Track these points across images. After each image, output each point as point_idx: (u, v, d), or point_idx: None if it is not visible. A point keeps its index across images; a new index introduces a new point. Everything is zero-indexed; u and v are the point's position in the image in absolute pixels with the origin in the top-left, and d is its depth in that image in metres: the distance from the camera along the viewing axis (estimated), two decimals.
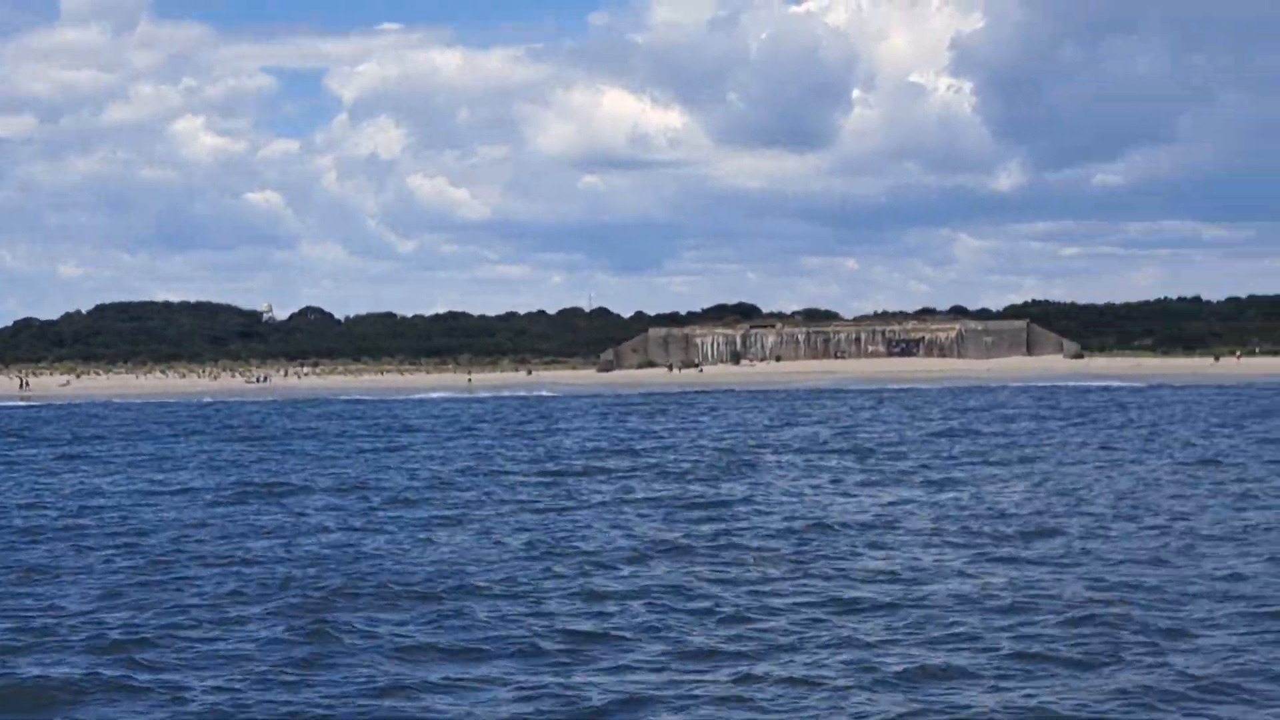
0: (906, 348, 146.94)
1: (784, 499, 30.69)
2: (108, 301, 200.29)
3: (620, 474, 37.79)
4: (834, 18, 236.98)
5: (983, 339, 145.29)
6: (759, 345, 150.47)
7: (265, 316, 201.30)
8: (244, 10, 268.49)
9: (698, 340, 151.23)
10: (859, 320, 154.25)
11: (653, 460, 42.10)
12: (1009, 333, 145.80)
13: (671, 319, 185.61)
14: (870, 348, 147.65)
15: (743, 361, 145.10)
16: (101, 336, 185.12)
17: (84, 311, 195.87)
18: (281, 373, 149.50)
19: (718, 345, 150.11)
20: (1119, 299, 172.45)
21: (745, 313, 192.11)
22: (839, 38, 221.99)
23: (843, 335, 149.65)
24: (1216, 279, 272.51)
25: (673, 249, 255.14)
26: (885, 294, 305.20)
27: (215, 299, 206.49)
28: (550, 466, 40.41)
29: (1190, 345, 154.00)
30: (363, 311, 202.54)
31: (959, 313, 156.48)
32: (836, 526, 25.73)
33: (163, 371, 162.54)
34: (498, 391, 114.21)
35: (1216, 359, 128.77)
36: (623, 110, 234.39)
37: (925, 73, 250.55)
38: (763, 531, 25.29)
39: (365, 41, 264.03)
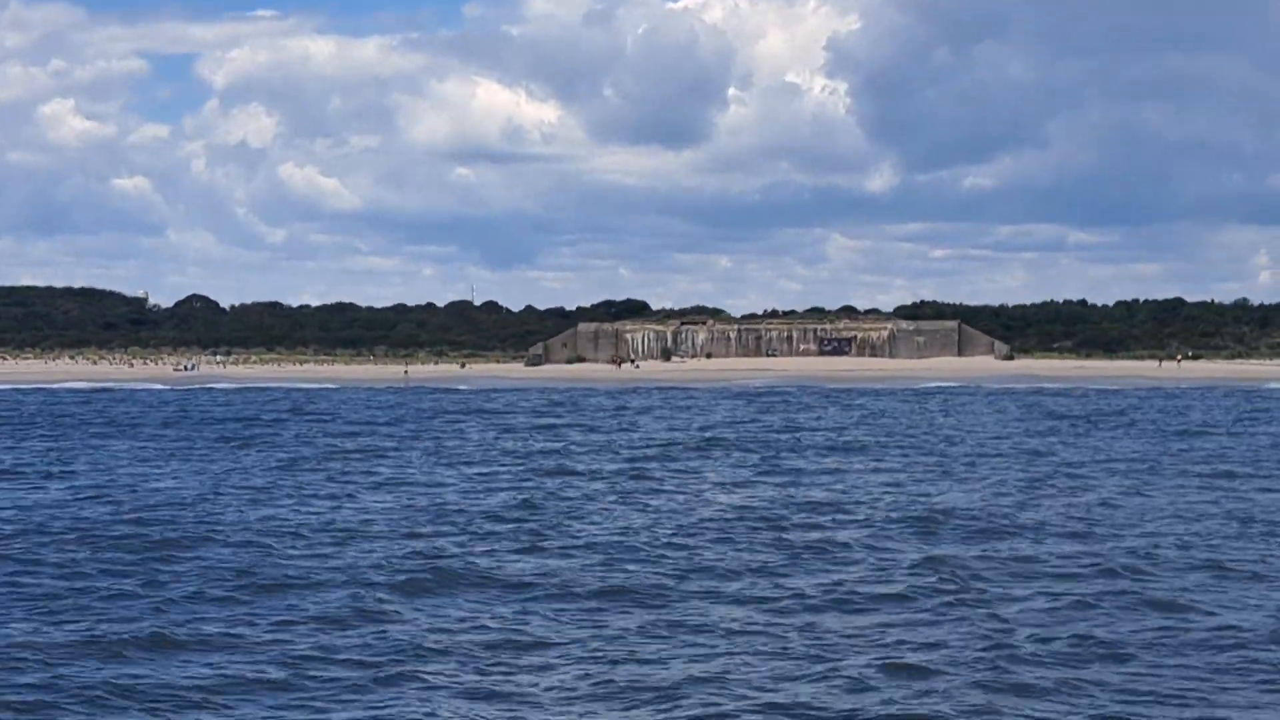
0: (838, 346, 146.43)
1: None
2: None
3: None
4: (711, 15, 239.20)
5: (914, 339, 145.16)
6: (690, 342, 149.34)
7: (149, 305, 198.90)
8: None
9: (628, 336, 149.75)
10: (789, 318, 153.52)
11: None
12: (941, 333, 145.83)
13: (559, 314, 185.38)
14: (802, 346, 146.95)
15: (673, 358, 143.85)
16: None
17: None
18: (193, 362, 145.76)
19: (648, 341, 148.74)
20: (988, 300, 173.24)
21: (633, 309, 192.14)
22: (716, 35, 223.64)
23: (774, 333, 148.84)
24: (1083, 282, 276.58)
25: (547, 244, 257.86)
26: (758, 292, 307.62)
27: (81, 284, 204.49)
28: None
29: (1111, 348, 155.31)
30: (240, 301, 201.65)
31: (875, 314, 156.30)
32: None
33: (71, 358, 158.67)
34: (451, 384, 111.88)
35: (1160, 362, 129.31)
36: (497, 103, 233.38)
37: (801, 72, 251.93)
38: None
39: (238, 27, 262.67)
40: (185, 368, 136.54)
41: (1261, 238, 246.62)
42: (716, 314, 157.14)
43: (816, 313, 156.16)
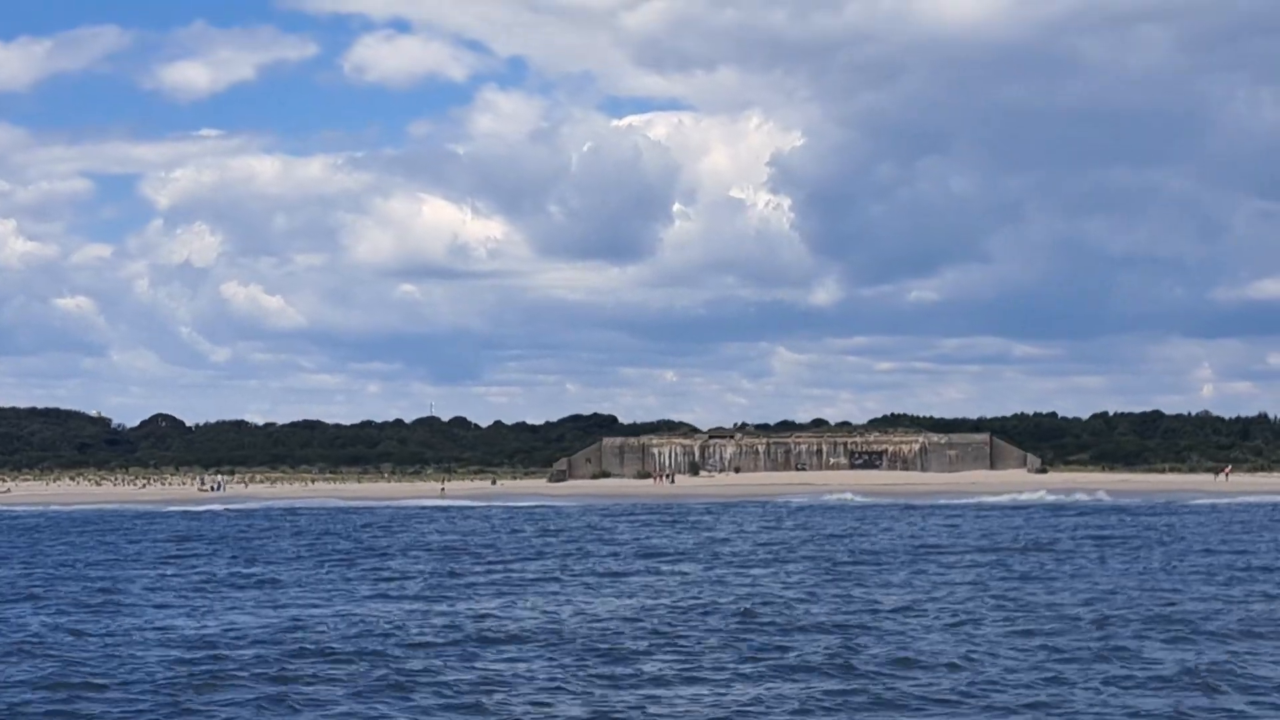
0: (869, 460, 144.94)
1: None
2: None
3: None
4: (655, 132, 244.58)
5: (946, 452, 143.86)
6: (718, 456, 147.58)
7: (114, 424, 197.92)
8: (59, 112, 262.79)
9: (654, 451, 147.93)
10: (818, 431, 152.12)
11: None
12: (972, 446, 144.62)
13: (530, 430, 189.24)
14: (832, 460, 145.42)
15: (701, 473, 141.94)
16: None
17: None
18: (219, 482, 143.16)
19: (676, 456, 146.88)
20: (936, 414, 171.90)
21: (602, 424, 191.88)
22: (660, 151, 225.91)
23: (803, 447, 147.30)
24: (1027, 394, 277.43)
25: (492, 359, 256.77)
26: (704, 406, 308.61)
27: (26, 404, 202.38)
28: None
29: (1129, 461, 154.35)
30: (197, 420, 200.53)
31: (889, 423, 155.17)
32: None
33: (72, 479, 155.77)
34: (501, 502, 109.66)
35: (1215, 476, 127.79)
36: (443, 219, 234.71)
37: (745, 188, 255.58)
38: None
39: (182, 146, 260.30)
40: (212, 488, 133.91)
41: (1203, 350, 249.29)
42: (741, 429, 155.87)
43: (845, 427, 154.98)
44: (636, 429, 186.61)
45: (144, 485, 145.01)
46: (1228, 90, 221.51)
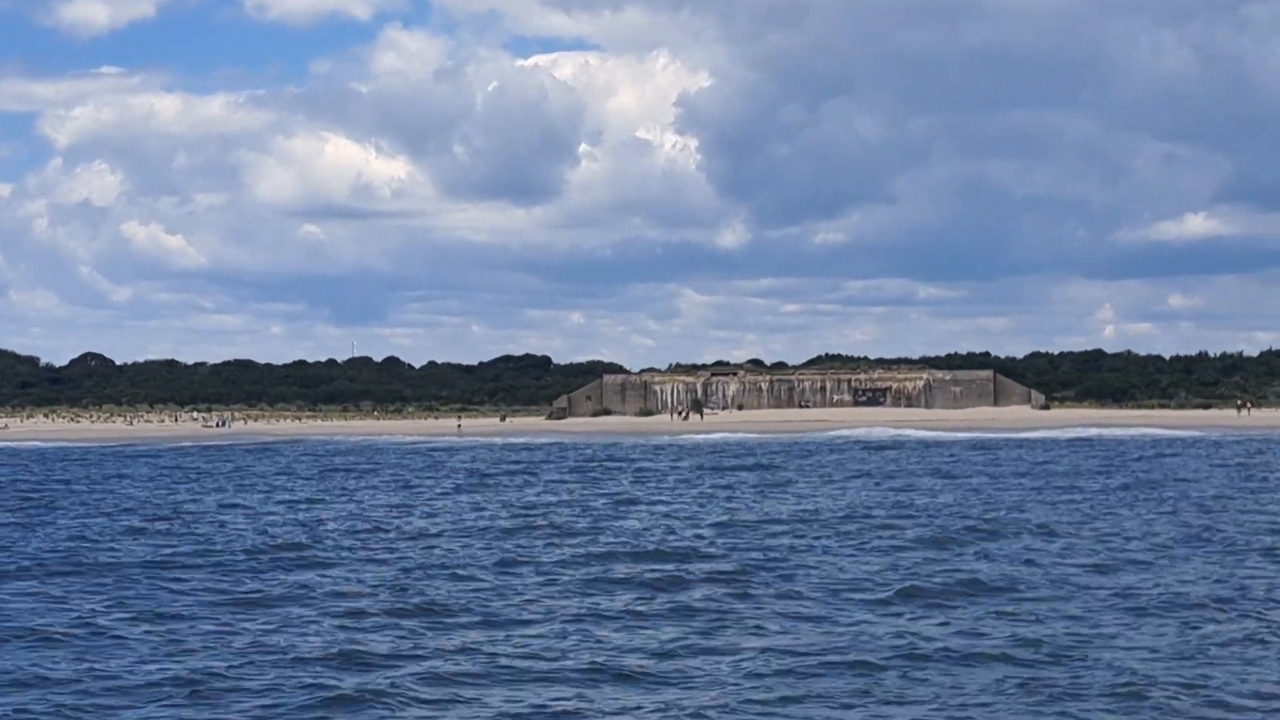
0: (873, 397, 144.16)
1: None
2: None
3: None
4: (561, 72, 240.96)
5: (951, 389, 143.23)
6: (721, 394, 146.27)
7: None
8: None
9: (656, 388, 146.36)
10: (821, 368, 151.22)
11: None
12: (976, 383, 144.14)
13: (465, 370, 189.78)
14: (835, 397, 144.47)
15: (704, 410, 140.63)
16: None
17: None
18: (224, 419, 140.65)
19: (678, 393, 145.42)
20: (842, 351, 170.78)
21: (537, 364, 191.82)
22: (566, 92, 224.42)
23: (807, 384, 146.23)
24: (931, 336, 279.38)
25: (396, 300, 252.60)
26: (610, 347, 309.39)
27: None
28: None
29: (1117, 398, 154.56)
30: (134, 360, 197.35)
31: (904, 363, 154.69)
32: None
33: (45, 416, 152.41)
34: (535, 439, 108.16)
35: (1238, 411, 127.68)
36: (346, 159, 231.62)
37: (652, 129, 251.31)
38: None
39: (81, 85, 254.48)
40: (218, 424, 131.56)
41: (1105, 292, 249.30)
42: (729, 365, 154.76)
43: (847, 362, 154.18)
44: (572, 369, 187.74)
45: (132, 422, 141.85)
46: (1130, 33, 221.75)
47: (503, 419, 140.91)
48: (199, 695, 16.29)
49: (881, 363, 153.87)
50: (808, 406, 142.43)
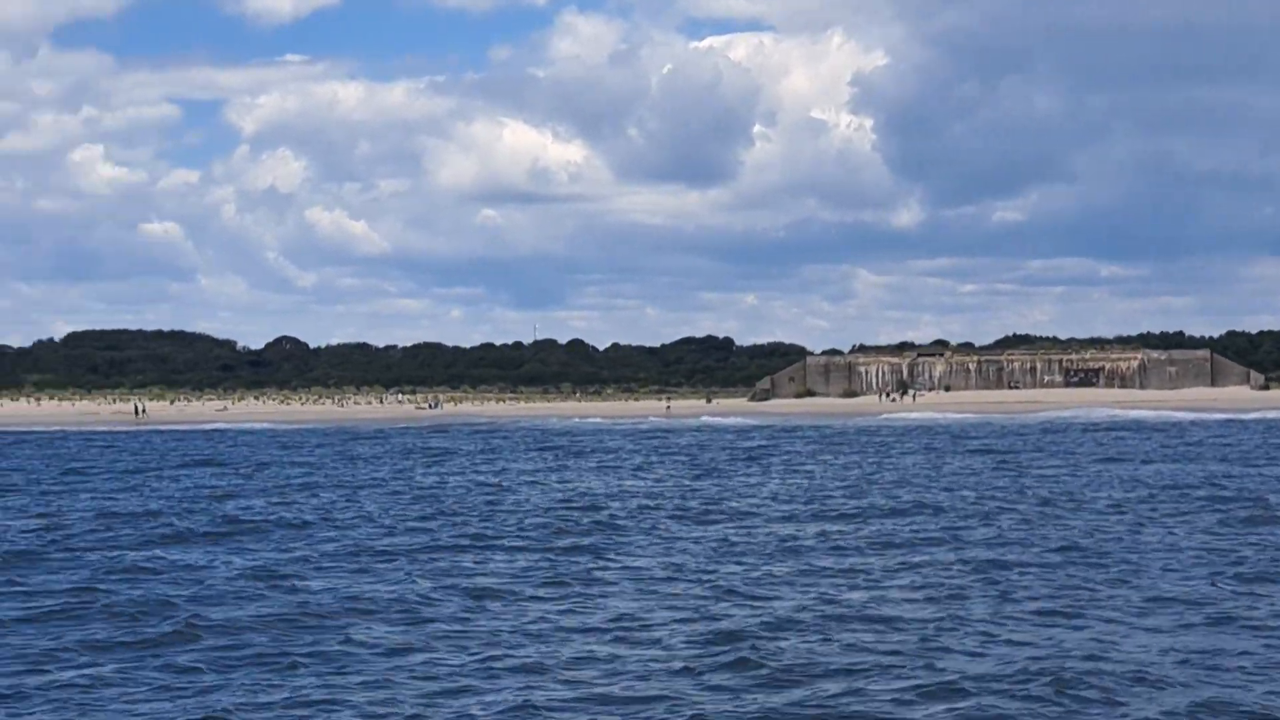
0: (1085, 378, 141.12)
1: None
2: (81, 330, 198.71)
3: None
4: (736, 53, 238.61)
5: (1166, 369, 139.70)
6: (927, 374, 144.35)
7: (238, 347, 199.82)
8: (145, 39, 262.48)
9: (861, 369, 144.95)
10: (1032, 348, 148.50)
11: None
12: (1193, 363, 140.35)
13: (648, 352, 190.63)
14: (1046, 378, 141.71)
15: (910, 392, 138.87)
16: (88, 362, 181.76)
17: (55, 339, 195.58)
18: (435, 401, 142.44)
19: (883, 374, 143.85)
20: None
21: (719, 346, 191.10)
22: (740, 73, 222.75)
23: (1016, 365, 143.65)
24: (1113, 316, 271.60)
25: (572, 283, 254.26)
26: (783, 328, 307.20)
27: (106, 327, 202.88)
28: None
29: None
30: (328, 343, 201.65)
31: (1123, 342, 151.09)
32: None
33: (256, 399, 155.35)
34: (745, 419, 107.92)
35: None
36: (523, 144, 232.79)
37: (826, 109, 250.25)
38: None
39: (266, 72, 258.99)
40: (430, 406, 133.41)
41: None
42: (935, 345, 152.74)
43: (1058, 343, 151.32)
44: (754, 351, 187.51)
45: (342, 404, 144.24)
46: None
47: (708, 400, 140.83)
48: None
49: (1095, 343, 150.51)
50: (1017, 387, 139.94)
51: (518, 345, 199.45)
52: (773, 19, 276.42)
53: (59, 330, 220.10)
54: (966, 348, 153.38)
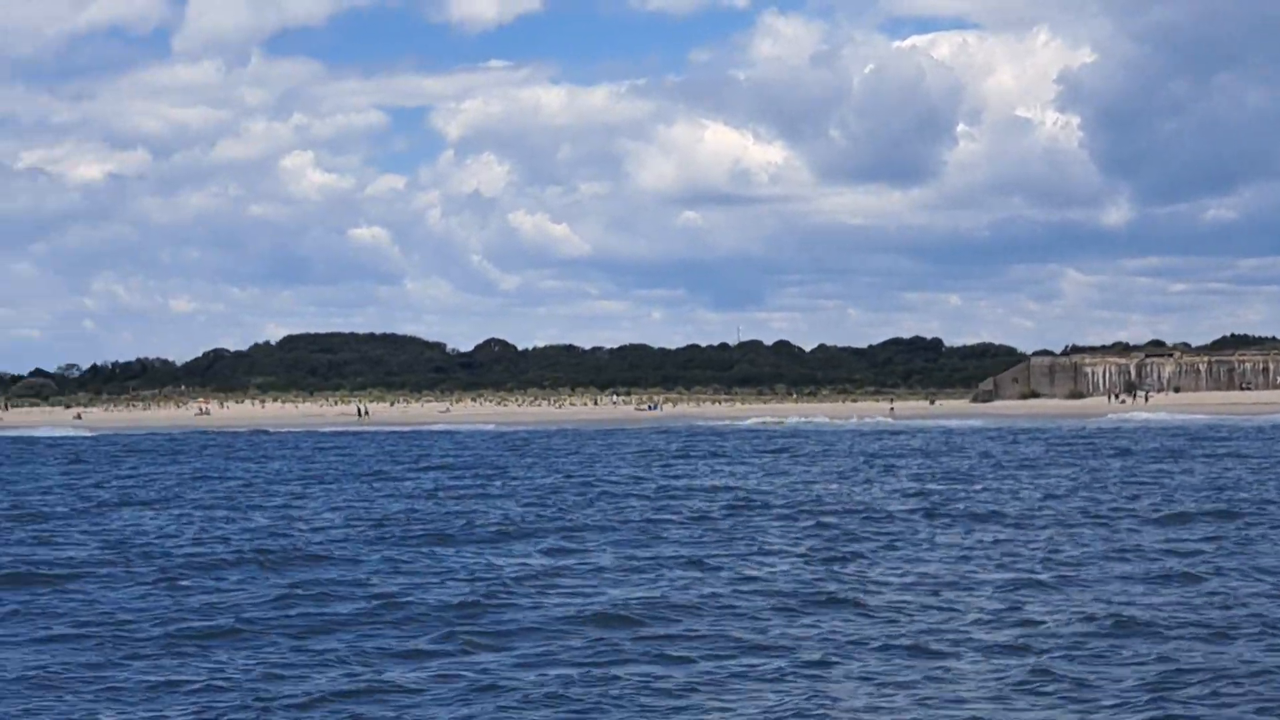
0: None
1: None
2: (296, 333, 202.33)
3: None
4: (939, 52, 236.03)
5: None
6: (1155, 375, 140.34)
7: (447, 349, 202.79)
8: (353, 47, 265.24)
9: (1087, 370, 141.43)
10: (1263, 348, 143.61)
11: None
12: None
13: (856, 353, 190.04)
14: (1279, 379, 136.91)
15: (1138, 393, 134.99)
16: (306, 365, 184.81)
17: (272, 343, 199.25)
18: (655, 403, 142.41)
19: (1110, 375, 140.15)
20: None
21: (927, 346, 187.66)
22: (944, 71, 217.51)
23: (1248, 365, 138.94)
24: None
25: (773, 284, 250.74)
26: (988, 329, 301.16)
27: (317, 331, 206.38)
28: None
29: None
30: (535, 345, 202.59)
31: None
32: None
33: (474, 400, 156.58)
34: (968, 420, 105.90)
35: None
36: (724, 145, 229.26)
37: (1032, 107, 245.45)
38: None
39: (471, 78, 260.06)
40: (649, 408, 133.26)
41: None
42: (1158, 346, 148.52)
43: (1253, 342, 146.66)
44: (964, 352, 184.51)
45: (560, 406, 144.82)
46: None
47: (930, 401, 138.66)
48: None
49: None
50: (1248, 388, 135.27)
51: (724, 346, 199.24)
52: (977, 17, 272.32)
53: (269, 333, 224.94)
54: (1184, 348, 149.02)
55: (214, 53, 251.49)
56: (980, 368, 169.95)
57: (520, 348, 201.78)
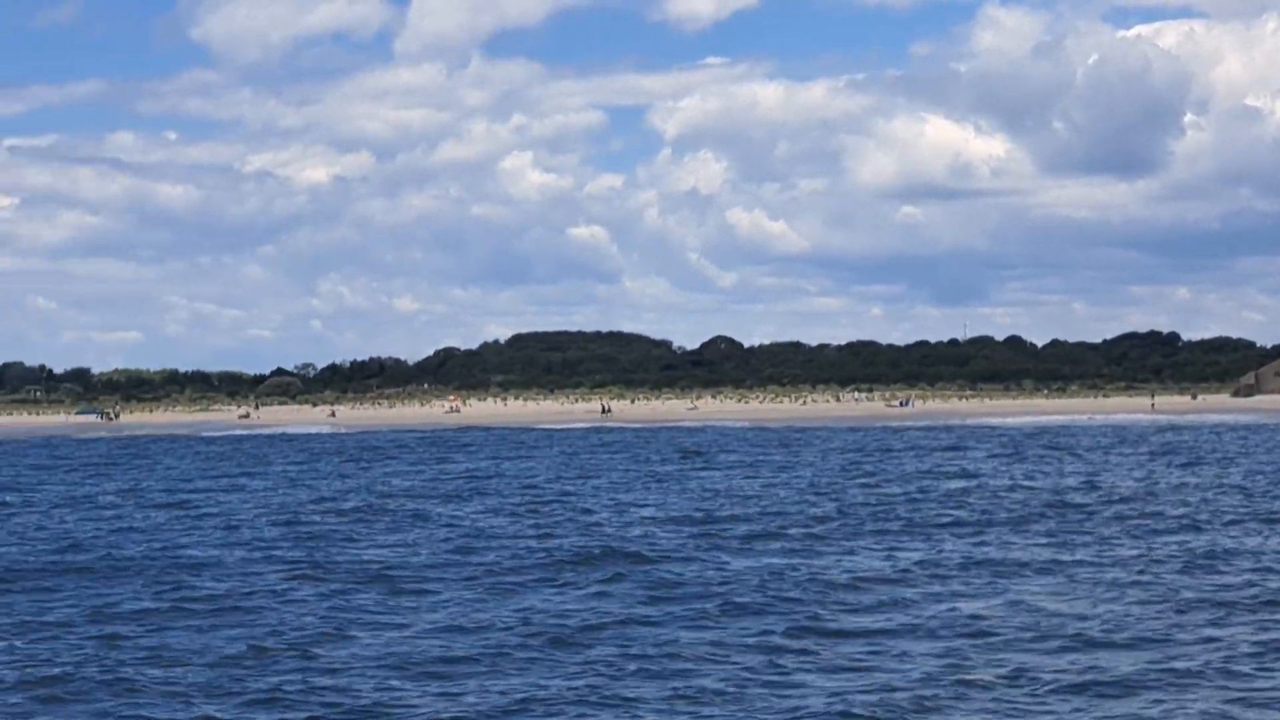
0: None
1: None
2: (525, 331, 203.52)
3: None
4: (1165, 41, 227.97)
5: None
6: None
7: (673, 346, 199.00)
8: (571, 47, 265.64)
9: None
10: None
11: None
12: None
13: (1089, 347, 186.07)
14: None
15: None
16: (540, 363, 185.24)
17: (501, 341, 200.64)
18: (906, 398, 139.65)
19: None
20: None
21: (1163, 341, 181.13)
22: (1170, 61, 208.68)
23: None
24: None
25: (995, 279, 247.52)
26: (1219, 323, 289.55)
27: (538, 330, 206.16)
28: None
29: None
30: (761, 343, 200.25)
31: None
32: None
33: (713, 398, 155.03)
34: (1237, 417, 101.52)
35: None
36: (945, 139, 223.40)
37: (1261, 95, 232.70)
38: None
39: (688, 76, 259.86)
40: (900, 404, 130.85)
41: None
42: None
43: None
44: (1204, 346, 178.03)
45: (805, 402, 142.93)
46: None
47: (1193, 397, 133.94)
48: None
49: None
50: None
51: (954, 342, 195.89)
52: (1204, 5, 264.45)
53: (490, 333, 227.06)
54: None
55: (435, 55, 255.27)
56: (1219, 362, 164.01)
57: (745, 344, 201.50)
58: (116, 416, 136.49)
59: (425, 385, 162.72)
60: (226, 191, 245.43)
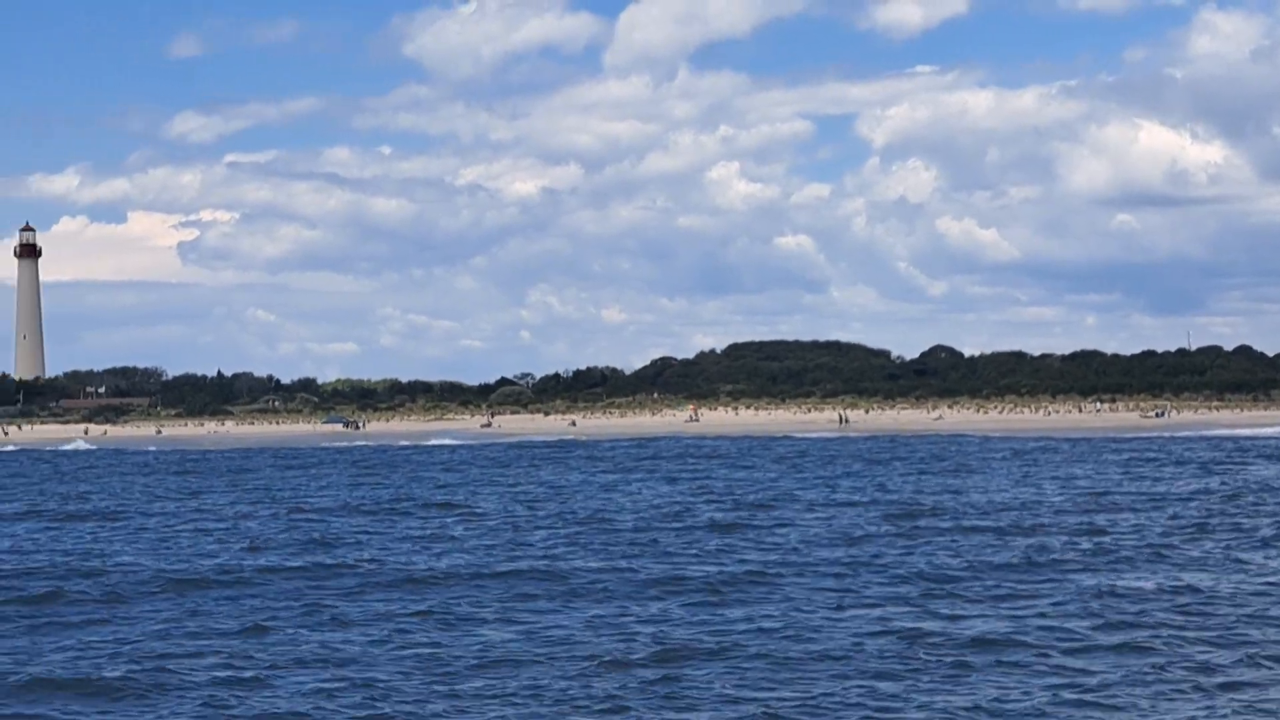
0: None
1: None
2: (740, 340, 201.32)
3: None
4: None
5: None
6: None
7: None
8: (778, 58, 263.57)
9: None
10: None
11: None
12: None
13: None
14: None
15: None
16: (763, 373, 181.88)
17: (718, 350, 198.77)
18: (1161, 409, 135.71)
19: None
20: None
21: None
22: None
23: None
24: None
25: (1213, 288, 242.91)
26: None
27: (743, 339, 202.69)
28: None
29: None
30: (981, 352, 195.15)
31: None
32: None
33: (949, 407, 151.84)
34: None
35: None
36: (1160, 146, 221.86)
37: None
38: None
39: (897, 84, 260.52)
40: (1155, 414, 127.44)
41: None
42: None
43: None
44: None
45: (1049, 413, 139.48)
46: None
47: None
48: None
49: None
50: None
51: (1181, 352, 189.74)
52: None
53: (698, 343, 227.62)
54: None
55: (643, 68, 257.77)
56: None
57: (964, 354, 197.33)
58: (364, 425, 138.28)
59: (655, 395, 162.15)
60: (439, 205, 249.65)
